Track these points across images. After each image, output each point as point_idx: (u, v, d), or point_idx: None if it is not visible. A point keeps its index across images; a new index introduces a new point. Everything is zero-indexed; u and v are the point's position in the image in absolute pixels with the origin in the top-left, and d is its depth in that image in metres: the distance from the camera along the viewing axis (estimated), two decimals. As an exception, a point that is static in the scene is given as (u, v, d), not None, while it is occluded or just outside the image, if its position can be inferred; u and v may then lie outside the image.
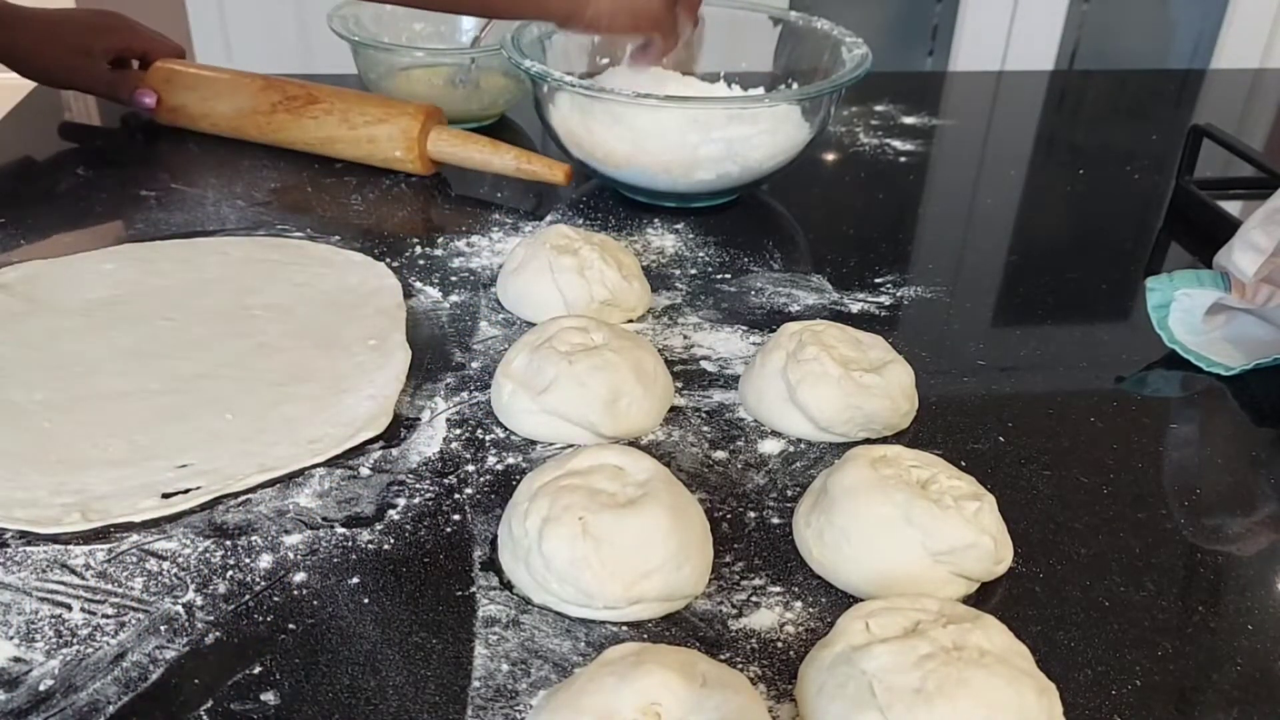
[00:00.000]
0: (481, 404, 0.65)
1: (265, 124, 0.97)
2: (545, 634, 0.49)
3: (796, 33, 0.99)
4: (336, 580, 0.51)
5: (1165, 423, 0.69)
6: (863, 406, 0.61)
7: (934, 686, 0.41)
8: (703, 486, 0.59)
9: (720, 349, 0.72)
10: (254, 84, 0.98)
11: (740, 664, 0.48)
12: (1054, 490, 0.60)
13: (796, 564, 0.54)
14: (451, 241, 0.84)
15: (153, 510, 0.55)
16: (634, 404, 0.62)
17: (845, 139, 1.09)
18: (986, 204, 0.97)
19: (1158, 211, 0.98)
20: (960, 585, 0.52)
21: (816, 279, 0.82)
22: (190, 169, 0.95)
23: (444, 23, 1.13)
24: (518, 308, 0.74)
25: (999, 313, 0.80)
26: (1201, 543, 0.57)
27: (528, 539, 0.50)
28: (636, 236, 0.87)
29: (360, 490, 0.57)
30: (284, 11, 1.73)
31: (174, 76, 1.00)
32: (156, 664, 0.47)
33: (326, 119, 0.95)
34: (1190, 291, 0.73)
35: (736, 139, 0.85)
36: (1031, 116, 1.25)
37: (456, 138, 0.93)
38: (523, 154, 0.91)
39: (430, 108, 0.94)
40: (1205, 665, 0.49)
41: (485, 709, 0.45)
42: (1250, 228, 0.73)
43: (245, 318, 0.72)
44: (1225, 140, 0.94)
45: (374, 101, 0.96)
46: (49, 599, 0.50)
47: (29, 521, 0.53)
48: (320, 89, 0.97)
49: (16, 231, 0.82)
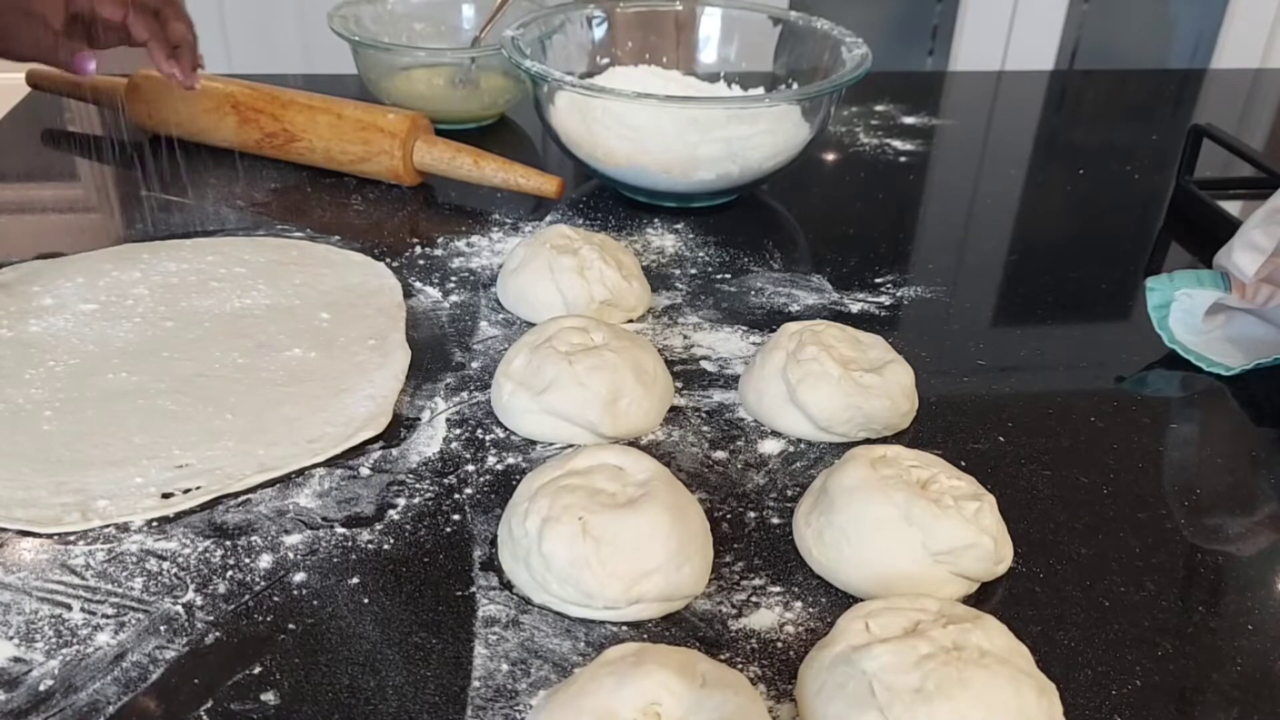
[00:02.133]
0: (481, 404, 0.65)
1: (255, 151, 0.96)
2: (545, 634, 0.49)
3: (796, 33, 0.99)
4: (336, 580, 0.51)
5: (1165, 423, 0.69)
6: (863, 406, 0.61)
7: (934, 686, 0.41)
8: (703, 486, 0.59)
9: (720, 349, 0.72)
10: (230, 119, 0.94)
11: (740, 664, 0.48)
12: (1054, 490, 0.60)
13: (796, 564, 0.54)
14: (451, 241, 0.84)
15: (152, 510, 0.55)
16: (634, 404, 0.62)
17: (845, 139, 1.09)
18: (986, 204, 0.97)
19: (1158, 211, 0.98)
20: (960, 585, 0.52)
21: (816, 279, 0.82)
22: (190, 169, 0.95)
23: (444, 23, 1.13)
24: (518, 308, 0.74)
25: (999, 313, 0.80)
26: (1201, 543, 0.57)
27: (528, 539, 0.50)
28: (636, 236, 0.87)
29: (360, 490, 0.57)
30: (284, 11, 1.73)
31: (152, 107, 0.97)
32: (156, 664, 0.47)
33: (310, 155, 0.93)
34: (1190, 291, 0.73)
35: (736, 139, 0.85)
36: (1031, 116, 1.25)
37: (441, 156, 0.90)
38: (509, 168, 0.89)
39: (413, 121, 0.91)
40: (1205, 665, 0.49)
41: (485, 709, 0.45)
42: (1250, 228, 0.73)
43: (245, 318, 0.72)
44: (1225, 140, 0.94)
45: (352, 128, 0.91)
46: (49, 599, 0.50)
47: (28, 521, 0.53)
48: (294, 118, 0.93)
49: (16, 232, 0.82)
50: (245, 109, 0.94)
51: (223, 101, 0.95)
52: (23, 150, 0.99)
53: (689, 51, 1.04)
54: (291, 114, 0.93)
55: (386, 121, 0.91)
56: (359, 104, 0.94)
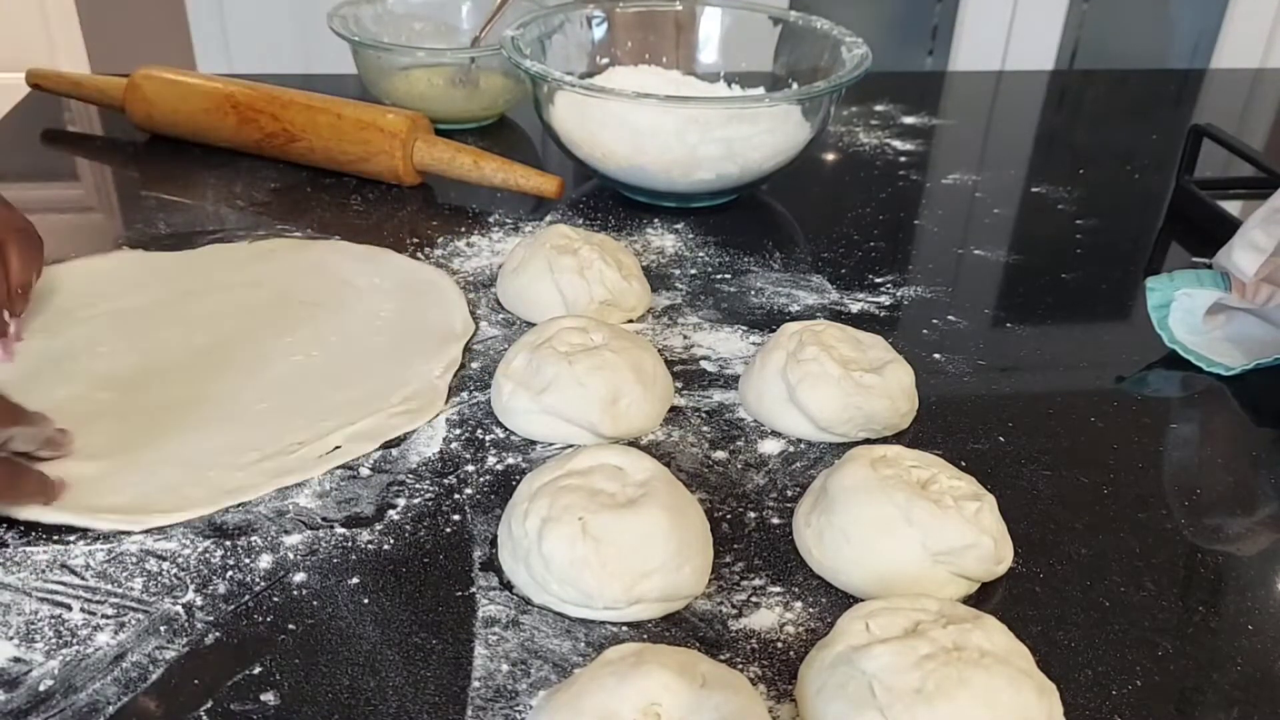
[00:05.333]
0: (481, 404, 0.65)
1: (255, 151, 0.96)
2: (545, 634, 0.49)
3: (796, 33, 0.99)
4: (336, 580, 0.51)
5: (1165, 423, 0.69)
6: (863, 406, 0.61)
7: (934, 687, 0.41)
8: (703, 486, 0.59)
9: (720, 349, 0.72)
10: (230, 119, 0.94)
11: (740, 664, 0.48)
12: (1054, 490, 0.60)
13: (796, 564, 0.54)
14: (451, 241, 0.84)
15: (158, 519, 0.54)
16: (634, 404, 0.62)
17: (845, 139, 1.09)
18: (986, 204, 0.97)
19: (1158, 211, 0.98)
20: (960, 585, 0.52)
21: (816, 279, 0.82)
22: (190, 169, 0.95)
23: (444, 22, 1.13)
24: (517, 308, 0.74)
25: (999, 313, 0.80)
26: (1202, 543, 0.57)
27: (527, 539, 0.50)
28: (636, 236, 0.87)
29: (360, 490, 0.57)
30: (284, 12, 1.73)
31: (153, 107, 0.97)
32: (156, 664, 0.47)
33: (310, 155, 0.93)
34: (1190, 291, 0.73)
35: (736, 139, 0.85)
36: (1031, 116, 1.25)
37: (441, 156, 0.90)
38: (509, 168, 0.89)
39: (413, 121, 0.91)
40: (1205, 665, 0.49)
41: (485, 709, 0.45)
42: (1250, 227, 0.73)
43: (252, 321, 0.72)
44: (1225, 140, 0.94)
45: (352, 128, 0.91)
46: (49, 599, 0.50)
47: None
48: (294, 118, 0.93)
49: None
50: (245, 109, 0.94)
51: (223, 101, 0.95)
52: (23, 150, 0.99)
53: (689, 51, 1.04)
54: (291, 114, 0.93)
55: (386, 121, 0.91)
56: (359, 104, 0.94)
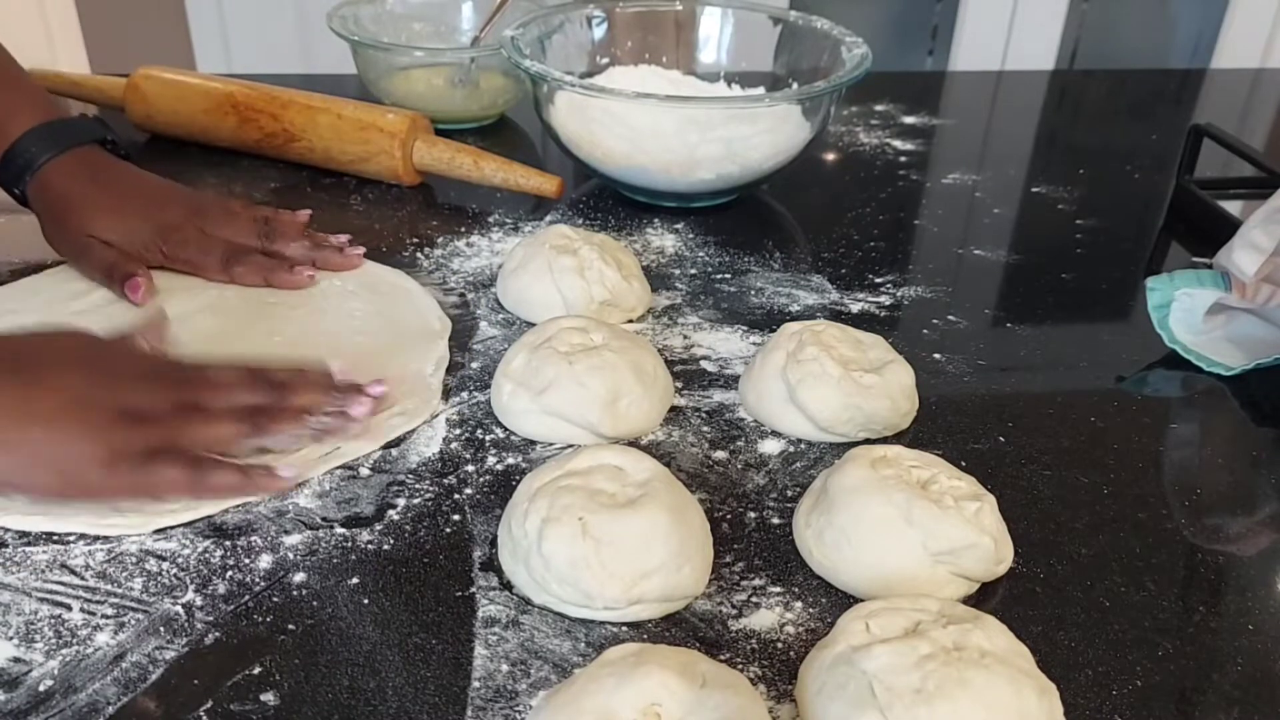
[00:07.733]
0: (481, 404, 0.65)
1: (254, 151, 0.96)
2: (545, 634, 0.49)
3: (796, 33, 0.99)
4: (336, 581, 0.51)
5: (1165, 423, 0.69)
6: (863, 406, 0.61)
7: (934, 687, 0.41)
8: (703, 486, 0.59)
9: (720, 349, 0.72)
10: (230, 119, 0.94)
11: (740, 664, 0.48)
12: (1054, 490, 0.60)
13: (796, 564, 0.54)
14: (451, 241, 0.84)
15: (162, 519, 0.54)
16: (634, 404, 0.62)
17: (845, 139, 1.09)
18: (986, 204, 0.97)
19: (1158, 211, 0.98)
20: (960, 585, 0.52)
21: (816, 279, 0.82)
22: (189, 169, 0.95)
23: (444, 23, 1.13)
24: (517, 308, 0.74)
25: (999, 313, 0.80)
26: (1202, 543, 0.57)
27: (527, 539, 0.50)
28: (636, 236, 0.87)
29: (360, 490, 0.57)
30: (284, 12, 1.74)
31: (152, 107, 0.97)
32: (156, 664, 0.47)
33: (310, 155, 0.93)
34: (1191, 291, 0.73)
35: (736, 139, 0.85)
36: (1031, 116, 1.25)
37: (441, 156, 0.90)
38: (509, 168, 0.89)
39: (413, 121, 0.91)
40: (1205, 665, 0.49)
41: (485, 709, 0.45)
42: (1250, 227, 0.73)
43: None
44: (1225, 140, 0.94)
45: (352, 128, 0.91)
46: (49, 599, 0.50)
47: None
48: (294, 118, 0.93)
49: (17, 232, 0.82)
50: (245, 109, 0.94)
51: (223, 101, 0.95)
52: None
53: (689, 51, 1.04)
54: (291, 114, 0.93)
55: (386, 121, 0.91)
56: (359, 104, 0.94)
